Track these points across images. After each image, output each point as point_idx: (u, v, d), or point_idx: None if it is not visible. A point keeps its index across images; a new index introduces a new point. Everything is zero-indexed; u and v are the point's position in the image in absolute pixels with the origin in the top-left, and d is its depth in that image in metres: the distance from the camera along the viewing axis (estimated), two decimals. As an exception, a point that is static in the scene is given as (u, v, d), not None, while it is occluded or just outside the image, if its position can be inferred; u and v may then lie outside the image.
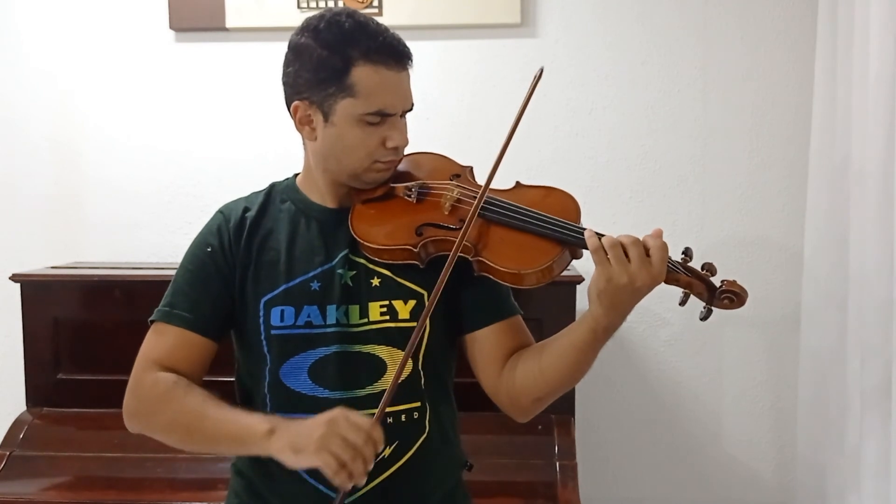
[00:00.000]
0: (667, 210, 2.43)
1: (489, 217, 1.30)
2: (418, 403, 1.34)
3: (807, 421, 2.34)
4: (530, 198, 1.33)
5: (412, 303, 1.33)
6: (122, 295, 2.15)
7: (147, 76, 2.50)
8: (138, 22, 2.48)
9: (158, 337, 1.34)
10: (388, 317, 1.33)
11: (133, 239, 2.51)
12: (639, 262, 1.17)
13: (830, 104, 2.20)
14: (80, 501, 1.94)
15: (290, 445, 1.17)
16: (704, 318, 1.24)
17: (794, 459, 2.42)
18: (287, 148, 1.63)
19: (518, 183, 1.38)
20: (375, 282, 1.34)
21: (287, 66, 1.32)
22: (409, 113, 1.34)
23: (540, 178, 1.39)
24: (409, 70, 1.31)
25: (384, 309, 1.33)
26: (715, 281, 1.24)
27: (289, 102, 1.33)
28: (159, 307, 1.36)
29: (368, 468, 1.16)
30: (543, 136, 2.42)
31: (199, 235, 1.40)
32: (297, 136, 1.37)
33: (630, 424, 2.48)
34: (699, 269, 1.24)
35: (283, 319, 1.32)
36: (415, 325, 1.28)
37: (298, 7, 2.40)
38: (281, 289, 1.33)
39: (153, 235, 2.51)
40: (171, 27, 2.45)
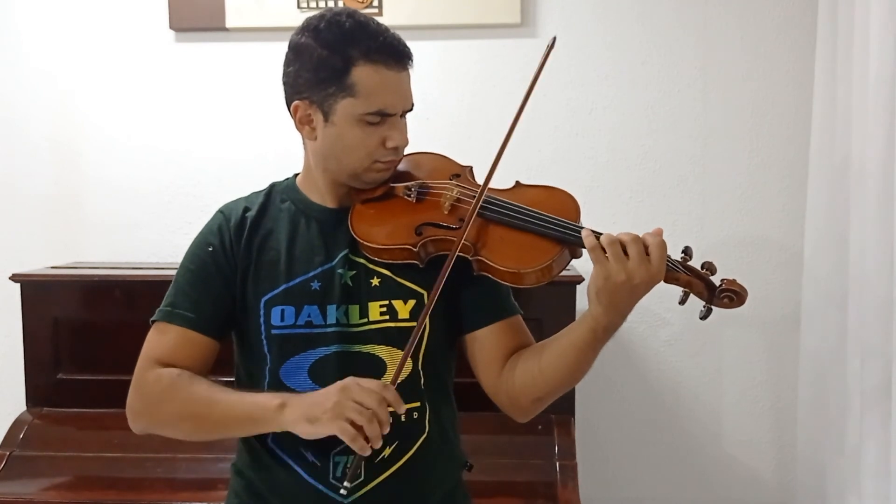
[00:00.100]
0: (667, 210, 2.43)
1: (489, 216, 1.30)
2: (418, 403, 1.34)
3: (807, 421, 2.34)
4: (530, 197, 1.33)
5: (412, 302, 1.33)
6: (122, 295, 2.15)
7: (147, 76, 2.50)
8: (138, 22, 2.48)
9: (160, 336, 1.34)
10: (387, 317, 1.33)
11: (133, 239, 2.51)
12: (637, 260, 1.17)
13: (830, 104, 2.20)
14: (80, 501, 1.94)
15: (305, 416, 1.18)
16: (704, 317, 1.24)
17: (794, 459, 2.42)
18: (287, 148, 1.63)
19: (518, 182, 1.39)
20: (375, 282, 1.34)
21: (287, 65, 1.32)
22: (409, 113, 1.34)
23: (540, 178, 1.39)
24: (410, 70, 1.31)
25: (384, 309, 1.33)
26: (715, 280, 1.24)
27: (289, 102, 1.33)
28: (161, 307, 1.36)
29: (385, 430, 1.17)
30: (543, 136, 2.42)
31: (200, 235, 1.40)
32: (297, 136, 1.37)
33: (630, 424, 2.48)
34: (699, 268, 1.24)
35: (283, 319, 1.32)
36: (414, 324, 1.28)
37: (298, 7, 2.40)
38: (281, 288, 1.33)
39: (153, 235, 2.51)
40: (171, 27, 2.45)
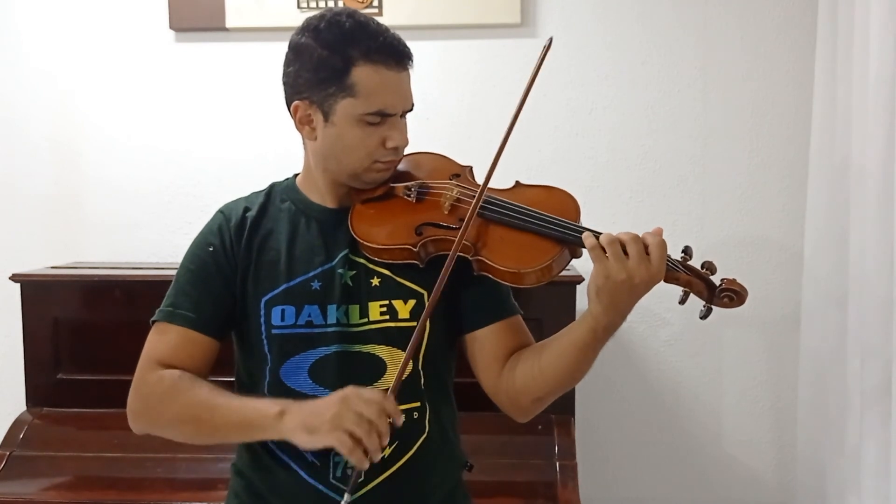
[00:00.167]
0: (667, 210, 2.43)
1: (489, 216, 1.30)
2: (418, 403, 1.34)
3: (807, 421, 2.34)
4: (530, 197, 1.33)
5: (412, 302, 1.33)
6: (122, 295, 2.15)
7: (147, 76, 2.50)
8: (138, 22, 2.48)
9: (161, 337, 1.34)
10: (387, 316, 1.33)
11: (133, 239, 2.51)
12: (637, 259, 1.17)
13: (830, 104, 2.20)
14: (80, 501, 1.94)
15: (304, 425, 1.18)
16: (704, 316, 1.24)
17: (794, 459, 2.42)
18: (287, 148, 1.63)
19: (518, 182, 1.39)
20: (375, 281, 1.34)
21: (287, 65, 1.32)
22: (409, 113, 1.34)
23: (540, 178, 1.39)
24: (410, 70, 1.31)
25: (384, 309, 1.33)
26: (715, 279, 1.24)
27: (289, 102, 1.33)
28: (161, 307, 1.36)
29: (384, 443, 1.16)
30: (543, 136, 2.42)
31: (200, 235, 1.40)
32: (297, 136, 1.37)
33: (630, 424, 2.48)
34: (699, 267, 1.24)
35: (283, 319, 1.32)
36: (415, 324, 1.28)
37: (298, 7, 2.40)
38: (281, 288, 1.33)
39: (153, 235, 2.51)
40: (171, 27, 2.45)
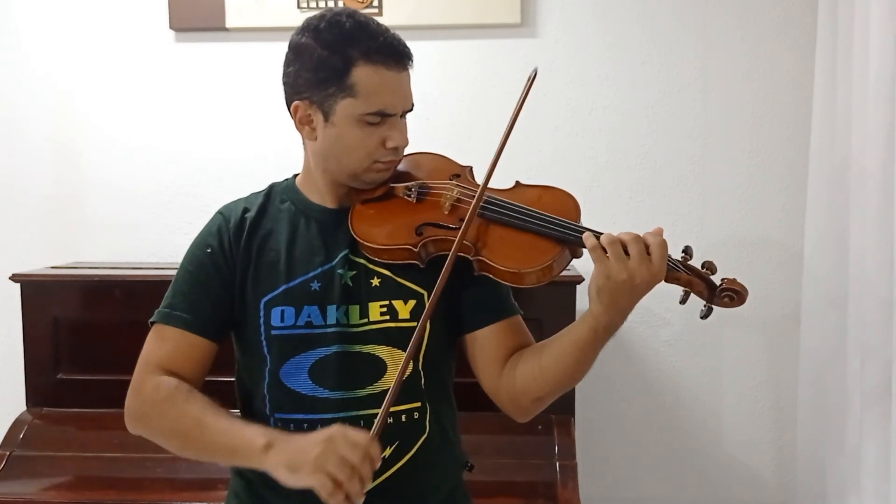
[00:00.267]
0: (667, 210, 2.43)
1: (489, 216, 1.30)
2: (418, 403, 1.34)
3: (807, 421, 2.34)
4: (530, 197, 1.33)
5: (412, 303, 1.33)
6: (122, 295, 2.15)
7: (147, 76, 2.50)
8: (138, 22, 2.48)
9: (159, 339, 1.34)
10: (388, 317, 1.33)
11: (133, 239, 2.51)
12: (638, 259, 1.17)
13: (830, 104, 2.20)
14: (80, 501, 1.94)
15: (287, 463, 1.16)
16: (705, 316, 1.24)
17: (794, 459, 2.42)
18: (287, 148, 1.63)
19: (518, 182, 1.39)
20: (375, 282, 1.34)
21: (287, 65, 1.32)
22: (409, 113, 1.34)
23: (540, 178, 1.39)
24: (410, 70, 1.31)
25: (384, 309, 1.33)
26: (715, 279, 1.24)
27: (289, 102, 1.33)
28: (159, 308, 1.36)
29: (366, 488, 1.14)
30: (543, 136, 2.42)
31: (199, 236, 1.40)
32: (297, 136, 1.37)
33: (630, 424, 2.48)
34: (699, 267, 1.24)
35: (283, 320, 1.32)
36: (415, 324, 1.27)
37: (298, 7, 2.40)
38: (281, 289, 1.33)
39: (153, 235, 2.51)
40: (171, 27, 2.45)
